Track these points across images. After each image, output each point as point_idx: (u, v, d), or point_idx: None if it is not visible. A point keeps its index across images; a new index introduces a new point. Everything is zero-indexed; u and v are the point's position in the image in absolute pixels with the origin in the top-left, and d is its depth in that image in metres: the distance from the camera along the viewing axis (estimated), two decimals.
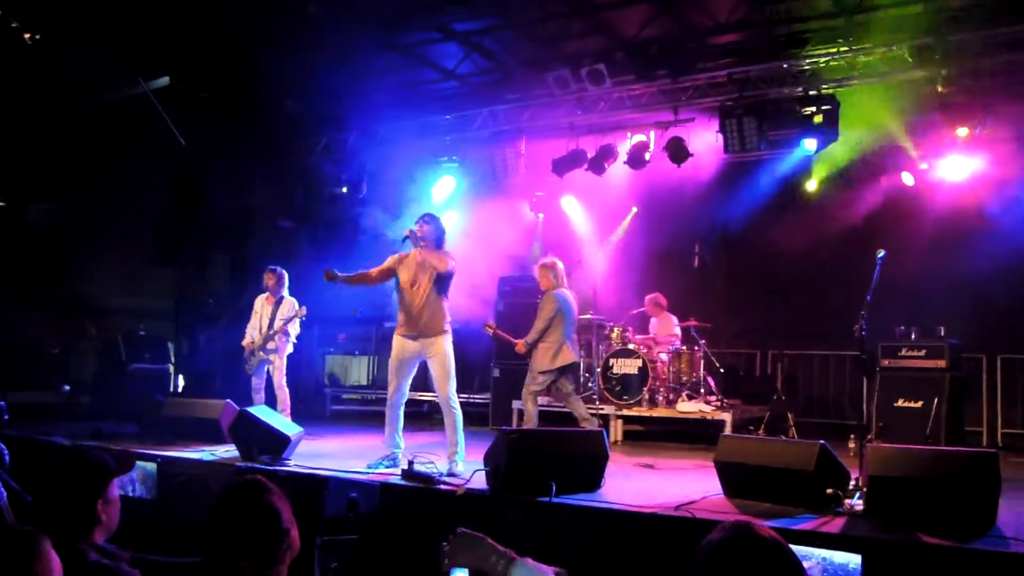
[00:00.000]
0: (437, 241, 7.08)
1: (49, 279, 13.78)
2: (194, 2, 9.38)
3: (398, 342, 7.09)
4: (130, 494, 6.93)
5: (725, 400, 9.94)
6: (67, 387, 13.29)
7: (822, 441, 5.47)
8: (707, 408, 9.61)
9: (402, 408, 7.17)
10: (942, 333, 8.62)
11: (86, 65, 10.25)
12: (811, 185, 10.91)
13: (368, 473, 6.54)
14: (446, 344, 6.97)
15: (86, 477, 2.79)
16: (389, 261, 7.28)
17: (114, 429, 9.04)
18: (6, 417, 4.29)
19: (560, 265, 8.88)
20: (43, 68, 10.89)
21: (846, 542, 4.51)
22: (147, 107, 10.74)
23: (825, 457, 5.39)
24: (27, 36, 6.55)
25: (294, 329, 9.32)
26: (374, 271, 7.31)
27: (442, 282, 7.00)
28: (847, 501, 5.30)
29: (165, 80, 10.92)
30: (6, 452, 4.23)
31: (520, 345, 8.75)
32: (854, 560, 4.39)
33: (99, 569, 2.59)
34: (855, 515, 5.12)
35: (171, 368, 12.41)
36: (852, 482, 5.57)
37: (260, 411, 7.52)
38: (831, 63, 9.69)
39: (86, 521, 2.74)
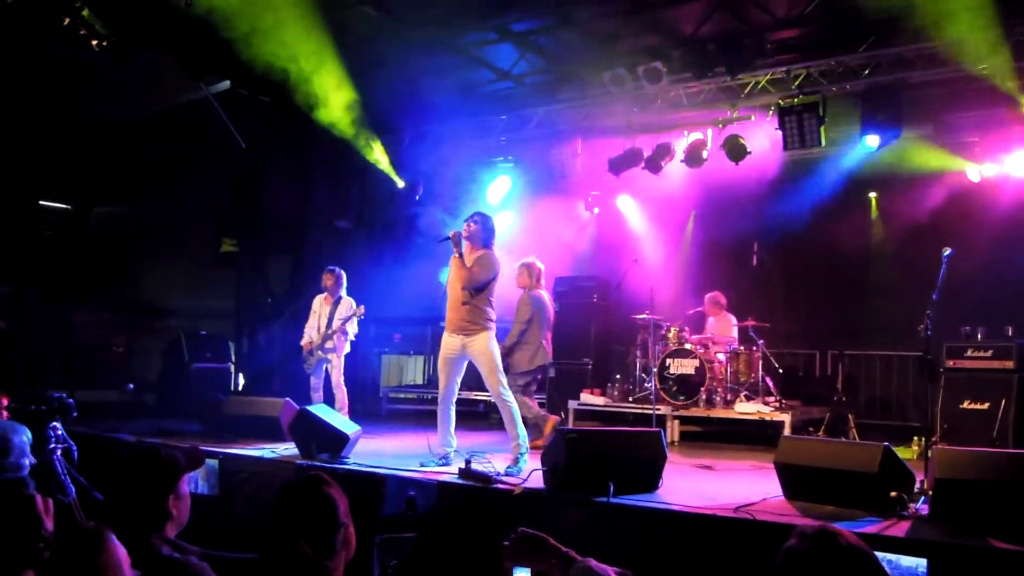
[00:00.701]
0: (485, 241, 7.07)
1: (113, 281, 14.14)
2: (253, 8, 9.51)
3: (443, 340, 7.15)
4: (193, 491, 7.07)
5: (784, 401, 9.80)
6: (131, 386, 13.60)
7: (886, 443, 5.37)
8: (766, 409, 9.48)
9: (452, 406, 7.15)
10: (1010, 333, 8.41)
11: (149, 71, 10.47)
12: (873, 182, 10.72)
13: (424, 471, 6.58)
14: (489, 342, 6.90)
15: (158, 473, 2.86)
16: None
17: (177, 427, 9.23)
18: (74, 415, 4.40)
19: (539, 266, 8.85)
20: (108, 74, 11.17)
21: (912, 546, 4.42)
22: (208, 111, 10.92)
23: (889, 459, 5.29)
24: (95, 43, 6.72)
25: (352, 328, 9.41)
26: None
27: (474, 290, 6.95)
28: (912, 504, 5.20)
29: (226, 84, 11.09)
30: (75, 449, 4.35)
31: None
32: (920, 565, 4.30)
33: (171, 563, 2.65)
34: (921, 519, 5.02)
35: (232, 367, 12.63)
36: (917, 485, 5.46)
37: (319, 410, 7.61)
38: (893, 58, 9.50)
39: (158, 516, 2.81)
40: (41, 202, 12.95)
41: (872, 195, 11.16)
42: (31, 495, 2.68)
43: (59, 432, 4.21)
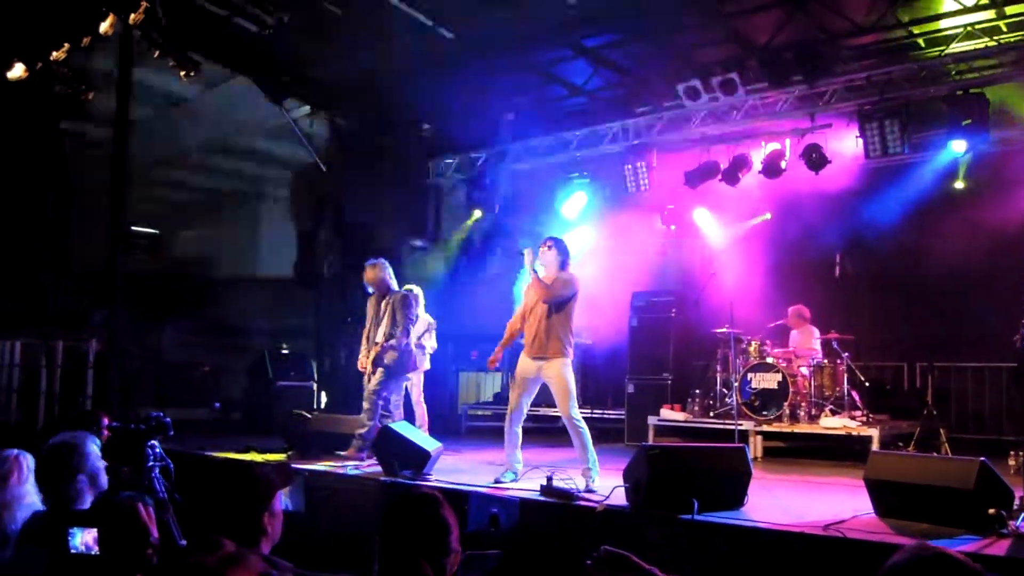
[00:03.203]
0: (561, 264, 7.04)
1: (199, 302, 14.57)
2: (333, 32, 9.75)
3: (520, 360, 7.11)
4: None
5: (871, 415, 9.55)
6: (218, 404, 13.98)
7: (982, 458, 5.19)
8: (852, 424, 9.25)
9: (519, 426, 7.10)
10: None
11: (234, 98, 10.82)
12: (961, 188, 10.41)
13: (506, 488, 6.59)
14: (563, 368, 6.86)
15: (253, 490, 2.92)
16: (523, 294, 7.30)
17: (263, 444, 9.43)
18: (171, 433, 4.55)
19: (389, 266, 8.57)
20: (194, 102, 11.58)
21: (1013, 566, 4.26)
22: (289, 135, 11.21)
23: (986, 475, 5.10)
24: (183, 73, 6.99)
25: (430, 342, 9.51)
26: (516, 316, 7.27)
27: (555, 306, 6.93)
28: (1012, 522, 5.00)
29: (306, 109, 11.37)
30: (172, 467, 4.48)
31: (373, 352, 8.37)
32: None
33: None
34: (1021, 537, 4.83)
35: (314, 385, 12.86)
36: (1016, 502, 5.26)
37: (401, 427, 7.69)
38: (979, 60, 9.24)
39: (253, 532, 2.86)
40: (133, 227, 13.42)
41: (959, 201, 10.82)
42: (134, 504, 2.78)
43: (157, 450, 4.36)
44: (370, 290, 8.60)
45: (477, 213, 13.18)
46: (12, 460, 3.54)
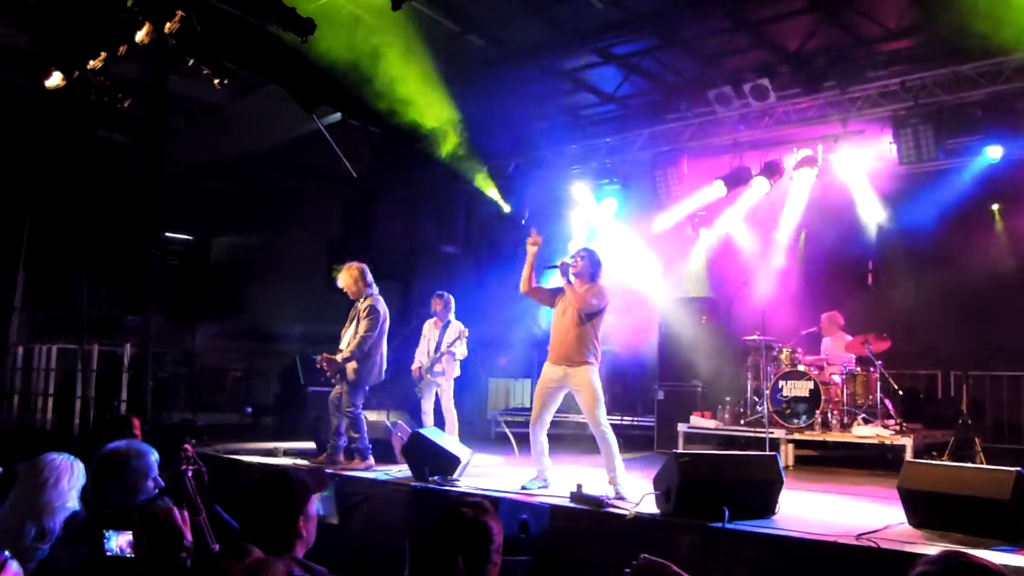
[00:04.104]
0: (592, 276, 7.01)
1: (232, 308, 14.70)
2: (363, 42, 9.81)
3: (544, 369, 7.08)
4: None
5: (905, 424, 9.43)
6: (249, 409, 14.09)
7: (1019, 468, 5.12)
8: (885, 432, 9.13)
9: (544, 434, 7.07)
10: None
11: (265, 105, 10.91)
12: (997, 194, 10.28)
13: (536, 495, 6.58)
14: (591, 375, 6.83)
15: (289, 494, 2.94)
16: (551, 284, 7.30)
17: (295, 449, 9.49)
18: (204, 437, 4.61)
19: (368, 270, 8.35)
20: (227, 110, 11.68)
21: None
22: (321, 143, 11.29)
23: (1022, 485, 5.04)
24: (216, 82, 7.06)
25: (461, 350, 9.52)
26: (539, 284, 7.24)
27: (586, 316, 6.92)
28: None
29: (337, 116, 11.45)
30: (205, 471, 4.54)
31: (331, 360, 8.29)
32: None
33: None
34: None
35: None
36: None
37: (431, 432, 7.72)
38: (1015, 64, 9.13)
39: (288, 536, 2.89)
40: (167, 233, 13.58)
41: (996, 208, 10.68)
42: (170, 508, 2.81)
43: (190, 453, 4.41)
44: (339, 285, 8.47)
45: (506, 219, 13.20)
46: (67, 464, 3.64)
